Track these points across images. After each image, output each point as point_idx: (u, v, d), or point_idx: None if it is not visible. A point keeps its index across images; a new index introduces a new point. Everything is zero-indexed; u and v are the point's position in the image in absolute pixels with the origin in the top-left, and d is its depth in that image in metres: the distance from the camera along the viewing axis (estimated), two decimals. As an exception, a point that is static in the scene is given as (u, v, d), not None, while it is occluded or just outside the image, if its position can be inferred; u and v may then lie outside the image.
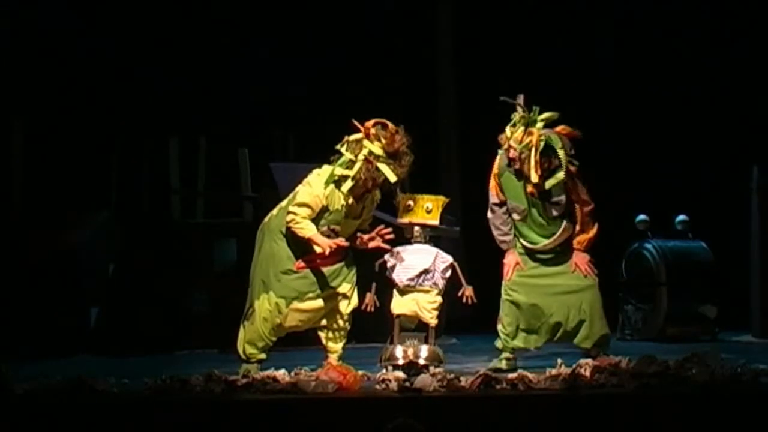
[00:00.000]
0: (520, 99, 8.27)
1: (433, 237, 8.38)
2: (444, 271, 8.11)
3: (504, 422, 6.98)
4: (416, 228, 8.19)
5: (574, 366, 7.60)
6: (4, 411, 6.98)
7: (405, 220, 8.22)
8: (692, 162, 12.59)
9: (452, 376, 7.43)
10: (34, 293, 10.35)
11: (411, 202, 8.20)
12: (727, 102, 12.62)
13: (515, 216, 8.38)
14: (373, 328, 9.17)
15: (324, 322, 8.14)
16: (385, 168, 7.84)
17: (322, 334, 8.16)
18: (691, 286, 10.95)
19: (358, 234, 8.11)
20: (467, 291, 8.10)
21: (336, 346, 8.14)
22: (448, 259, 8.16)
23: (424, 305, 8.08)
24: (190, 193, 12.11)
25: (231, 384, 7.38)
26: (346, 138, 7.98)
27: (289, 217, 7.91)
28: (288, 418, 7.01)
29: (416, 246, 8.18)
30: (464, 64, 12.91)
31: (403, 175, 7.95)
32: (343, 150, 7.95)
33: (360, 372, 7.70)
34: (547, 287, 8.38)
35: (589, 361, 7.77)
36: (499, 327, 8.46)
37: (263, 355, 8.09)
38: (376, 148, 7.87)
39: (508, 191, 8.35)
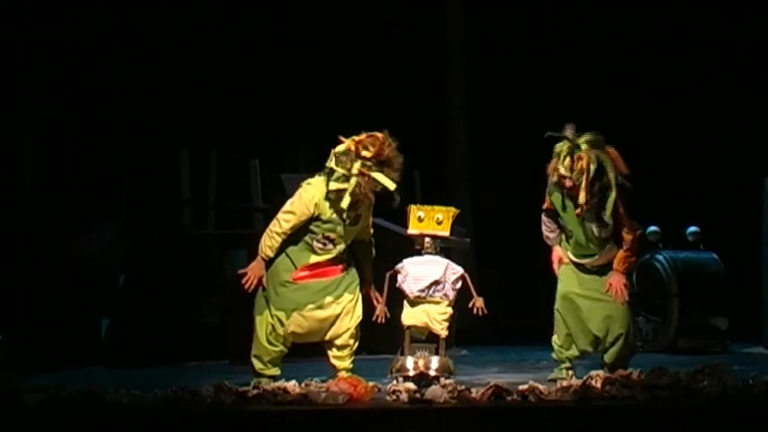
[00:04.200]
0: (569, 130, 8.25)
1: (444, 248, 8.37)
2: (454, 282, 8.11)
3: (515, 434, 6.98)
4: (427, 239, 8.19)
5: (585, 378, 7.59)
6: (15, 423, 6.98)
7: (415, 231, 8.21)
8: (703, 173, 12.57)
9: (463, 387, 7.42)
10: (44, 304, 10.36)
11: (422, 213, 8.20)
12: (740, 113, 12.60)
13: (567, 234, 8.46)
14: (383, 339, 9.16)
15: (330, 338, 8.12)
16: (380, 177, 7.85)
17: (330, 353, 8.16)
18: (703, 298, 10.93)
19: (373, 294, 8.12)
20: (478, 302, 8.09)
21: (344, 364, 8.12)
22: (459, 270, 8.15)
23: (434, 316, 8.08)
24: (202, 205, 12.13)
25: (241, 395, 7.37)
26: (333, 152, 7.98)
27: (273, 222, 8.00)
28: (298, 430, 7.01)
29: (427, 257, 8.17)
30: (474, 75, 12.92)
31: (398, 179, 7.94)
32: (333, 165, 7.95)
33: (371, 383, 7.69)
34: (592, 303, 8.43)
35: (600, 372, 7.77)
36: (553, 339, 8.55)
37: (274, 370, 8.09)
38: (368, 159, 7.89)
39: (561, 213, 8.42)
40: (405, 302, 8.14)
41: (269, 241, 8.02)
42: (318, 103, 12.70)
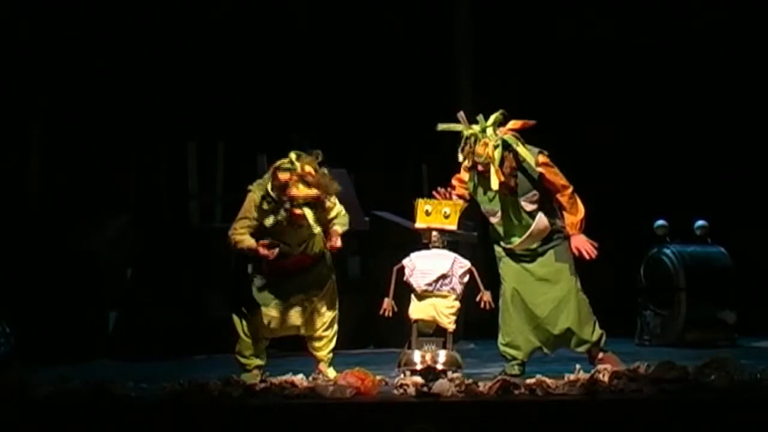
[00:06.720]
0: (461, 116, 8.28)
1: (451, 242, 8.37)
2: (462, 276, 8.10)
3: (522, 428, 6.97)
4: (434, 233, 8.18)
5: (592, 371, 7.59)
6: (23, 415, 6.99)
7: (423, 225, 8.21)
8: (711, 166, 12.55)
9: (470, 381, 7.42)
10: (53, 297, 10.38)
11: (429, 207, 8.19)
12: (747, 106, 12.58)
13: (492, 219, 8.38)
14: (391, 333, 9.17)
15: (306, 332, 8.24)
16: (309, 214, 7.88)
17: (308, 344, 8.29)
18: (710, 292, 10.91)
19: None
20: (485, 296, 8.08)
21: (321, 353, 8.24)
22: (466, 264, 8.14)
23: (441, 310, 8.07)
24: (209, 198, 12.14)
25: (249, 388, 7.38)
26: (273, 170, 8.00)
27: (230, 232, 8.08)
28: (306, 423, 7.01)
29: (434, 251, 8.16)
30: (482, 67, 12.91)
31: (316, 191, 7.92)
32: (269, 189, 7.97)
33: (378, 377, 7.69)
34: (534, 297, 8.38)
35: (608, 366, 7.75)
36: (499, 338, 8.48)
37: (258, 361, 8.18)
38: (300, 192, 7.92)
39: (480, 198, 8.37)
40: (412, 296, 8.13)
41: (242, 243, 8.06)
42: (325, 98, 12.69)
